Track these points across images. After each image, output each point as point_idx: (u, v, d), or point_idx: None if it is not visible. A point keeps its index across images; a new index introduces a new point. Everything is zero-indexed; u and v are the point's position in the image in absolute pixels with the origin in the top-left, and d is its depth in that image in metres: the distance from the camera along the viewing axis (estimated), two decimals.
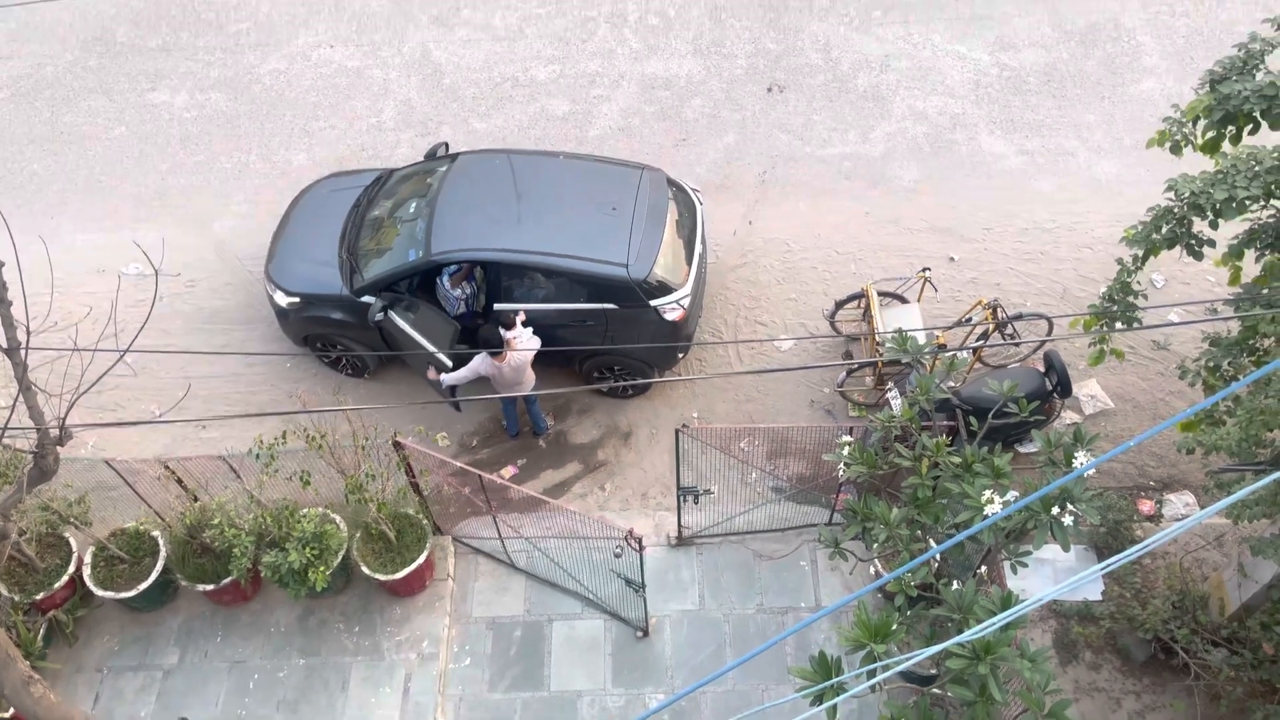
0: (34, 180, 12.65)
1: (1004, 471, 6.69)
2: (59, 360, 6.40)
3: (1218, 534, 9.61)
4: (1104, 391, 10.70)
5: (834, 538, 7.25)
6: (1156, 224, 7.93)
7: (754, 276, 11.66)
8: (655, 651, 9.30)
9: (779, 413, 10.74)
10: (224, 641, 9.41)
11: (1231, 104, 7.48)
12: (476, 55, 13.59)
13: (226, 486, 9.22)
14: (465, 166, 10.68)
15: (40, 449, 6.23)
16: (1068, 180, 12.23)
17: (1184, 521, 4.17)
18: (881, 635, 5.96)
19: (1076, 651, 9.14)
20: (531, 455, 10.64)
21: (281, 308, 10.59)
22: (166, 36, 13.92)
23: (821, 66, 13.30)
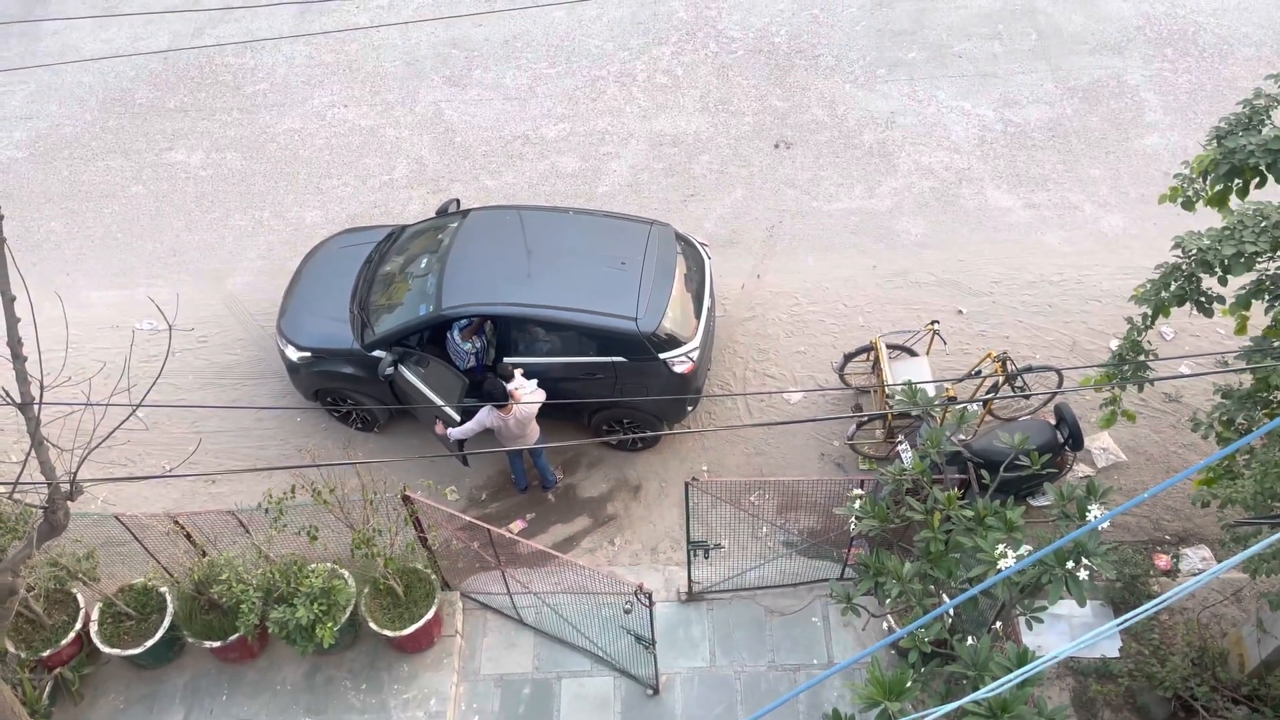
0: (51, 238, 12.83)
1: (1017, 525, 6.64)
2: (71, 415, 6.43)
3: (1235, 588, 9.47)
4: (1116, 444, 10.64)
5: (846, 593, 7.19)
6: (1165, 282, 7.93)
7: (762, 329, 11.70)
8: (666, 710, 9.17)
9: (789, 466, 10.70)
10: (229, 699, 9.31)
11: (1237, 158, 7.55)
12: (488, 114, 13.82)
13: (235, 541, 9.19)
14: (476, 222, 10.80)
15: (51, 504, 6.24)
16: (1075, 234, 12.30)
17: (1201, 576, 4.13)
18: (896, 693, 5.88)
19: (1095, 710, 8.97)
20: (540, 509, 10.60)
21: (292, 362, 10.65)
22: (185, 97, 14.20)
23: (827, 123, 13.48)
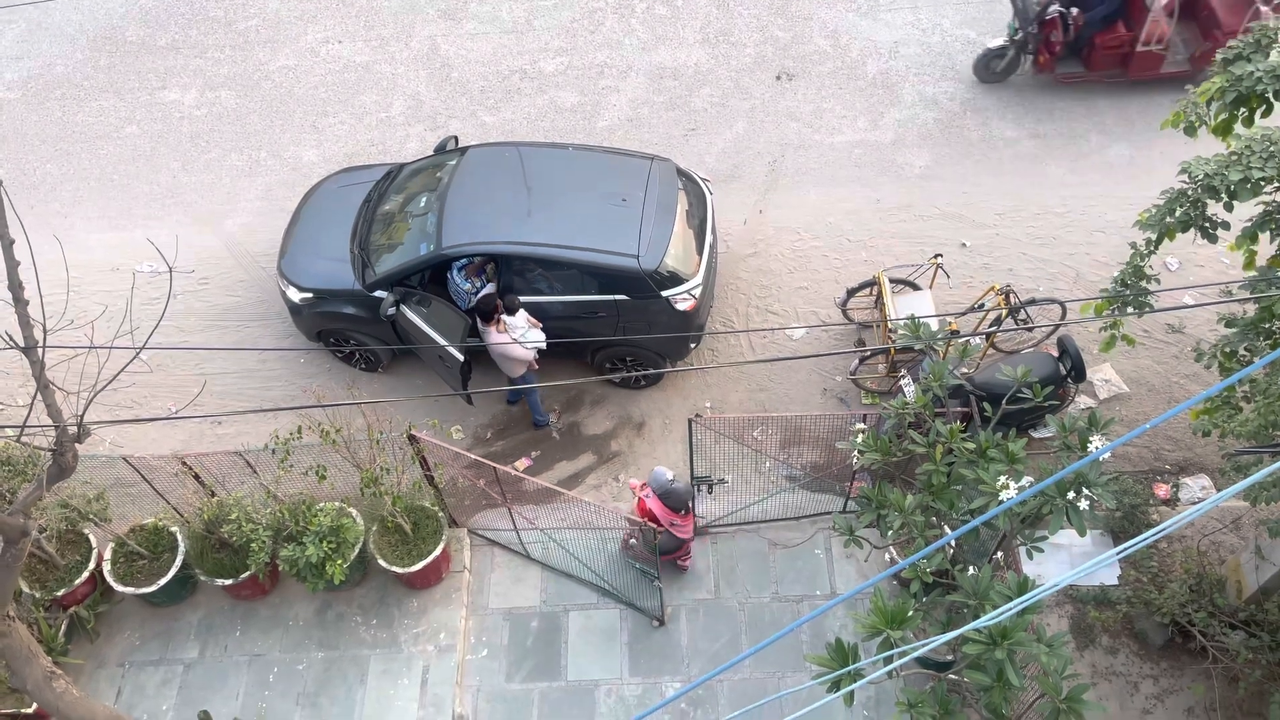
0: (47, 180, 12.73)
1: (1018, 457, 6.68)
2: (76, 359, 6.44)
3: (1235, 517, 9.57)
4: (1118, 375, 10.66)
5: (848, 525, 7.27)
6: (1170, 207, 7.88)
7: (765, 265, 11.64)
8: (671, 640, 9.33)
9: (792, 401, 10.74)
10: (243, 635, 9.49)
11: (1244, 85, 7.44)
12: (484, 48, 13.59)
13: (243, 482, 9.28)
14: (475, 160, 10.69)
15: (59, 446, 6.28)
16: (1080, 164, 12.17)
17: (1201, 505, 4.16)
18: (898, 622, 5.98)
19: (1093, 636, 9.13)
20: (545, 447, 10.67)
21: (294, 303, 10.64)
22: (176, 34, 13.97)
23: (830, 54, 13.25)
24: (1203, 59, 12.07)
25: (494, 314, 9.58)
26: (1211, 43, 11.92)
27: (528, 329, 9.71)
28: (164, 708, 9.12)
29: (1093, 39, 12.20)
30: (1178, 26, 12.29)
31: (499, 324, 9.59)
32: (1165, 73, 12.34)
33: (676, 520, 8.77)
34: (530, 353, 9.75)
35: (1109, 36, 12.13)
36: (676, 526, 8.79)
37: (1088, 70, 12.42)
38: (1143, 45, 12.01)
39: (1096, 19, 12.12)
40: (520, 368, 9.94)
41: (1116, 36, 12.12)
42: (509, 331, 9.59)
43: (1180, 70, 12.31)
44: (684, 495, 8.68)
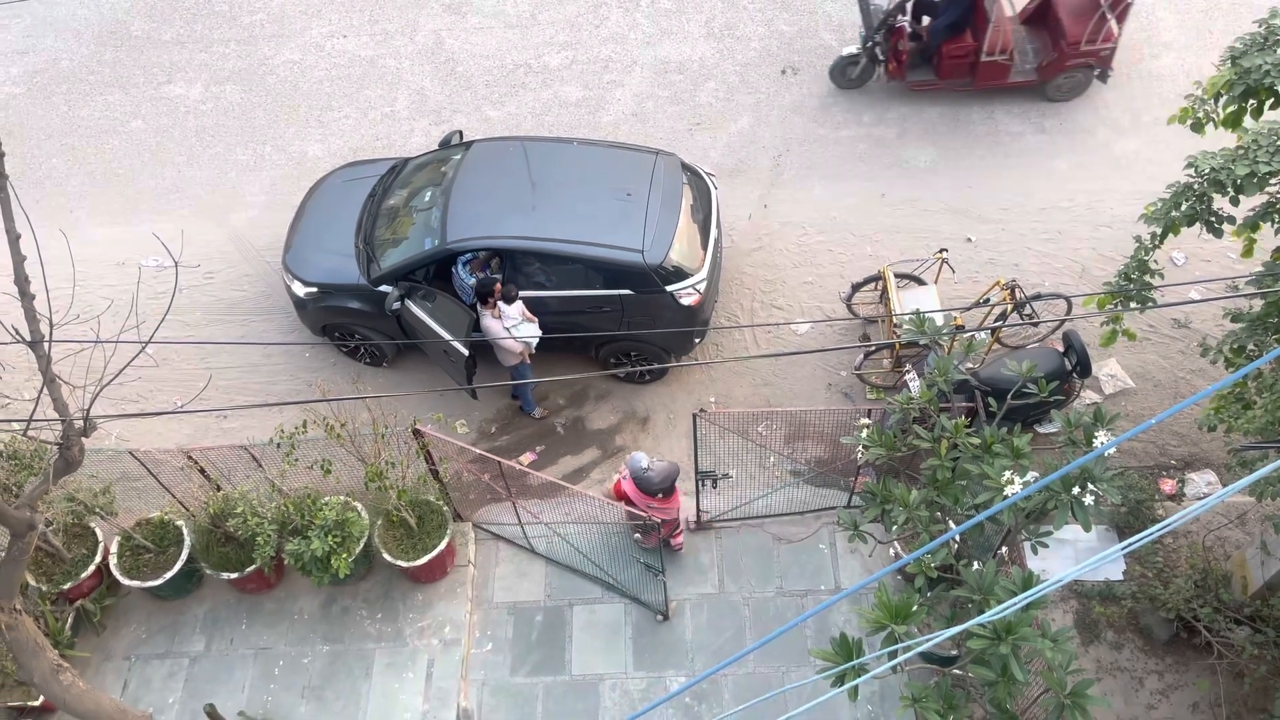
0: (53, 175, 12.74)
1: (1023, 452, 6.67)
2: (82, 353, 6.46)
3: (1240, 512, 9.55)
4: (1124, 371, 10.64)
5: (853, 520, 7.27)
6: (1176, 201, 7.87)
7: (770, 260, 11.63)
8: (676, 635, 9.35)
9: (796, 396, 10.73)
10: (249, 629, 9.52)
11: (1252, 78, 7.42)
12: (489, 43, 13.58)
13: (248, 476, 9.30)
14: (480, 154, 10.69)
15: (65, 440, 6.30)
16: (1086, 158, 12.13)
17: (1206, 500, 4.15)
18: (902, 616, 5.98)
19: (1098, 631, 9.12)
20: (550, 441, 10.68)
21: (299, 298, 10.65)
22: (181, 29, 13.98)
23: (835, 48, 13.21)
24: (1049, 69, 12.17)
25: (491, 297, 9.61)
26: (1057, 53, 12.03)
27: (522, 320, 9.73)
28: (170, 700, 9.16)
29: (940, 48, 12.21)
30: (1030, 36, 12.37)
31: (494, 309, 9.62)
32: (1012, 82, 12.37)
33: (653, 503, 8.88)
34: (521, 344, 9.78)
35: (955, 46, 12.13)
36: (653, 509, 8.86)
37: (938, 78, 12.42)
38: (987, 55, 12.03)
39: (941, 28, 12.13)
40: (513, 358, 9.99)
41: (962, 46, 12.12)
42: (502, 319, 9.61)
43: (1027, 80, 12.34)
44: (656, 482, 8.75)
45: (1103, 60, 12.03)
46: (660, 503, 8.92)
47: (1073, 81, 12.32)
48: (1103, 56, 11.98)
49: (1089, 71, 12.21)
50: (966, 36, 12.08)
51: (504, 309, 9.64)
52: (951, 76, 12.35)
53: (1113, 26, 11.75)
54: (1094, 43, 11.81)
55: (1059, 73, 12.13)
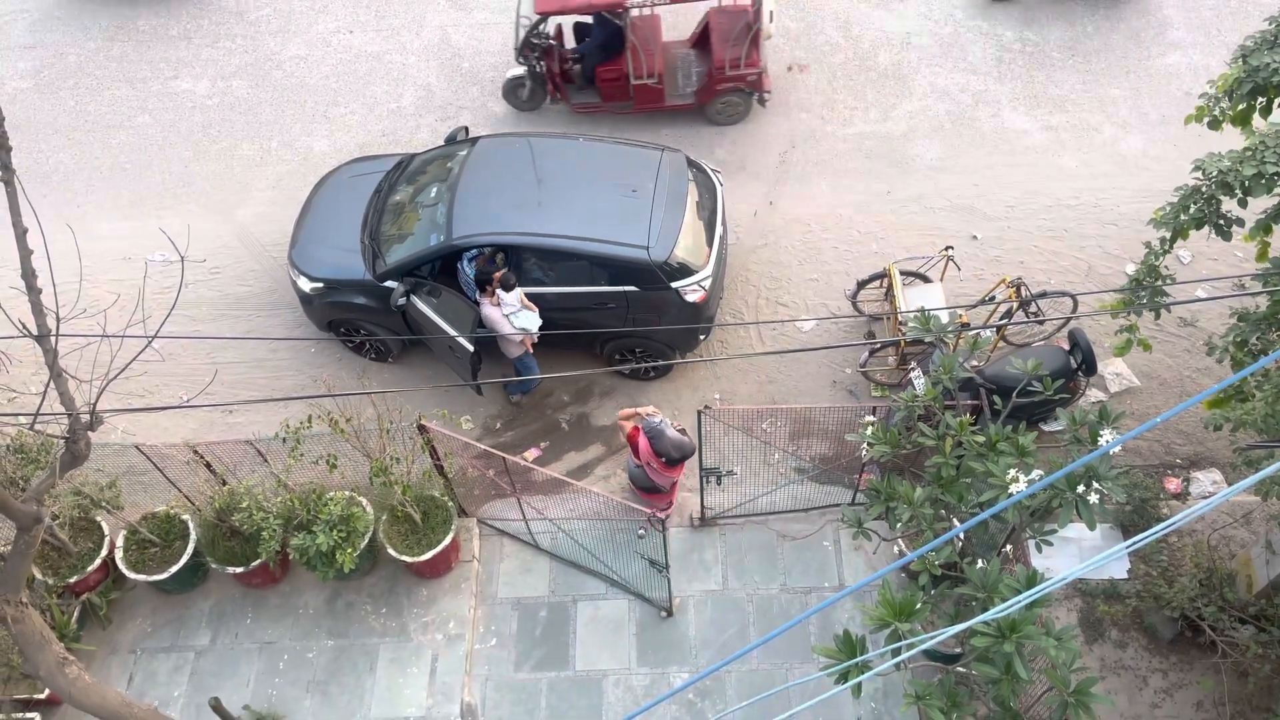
0: (60, 169, 12.78)
1: (1028, 450, 6.67)
2: (88, 347, 6.48)
3: (1245, 511, 9.53)
4: (1129, 369, 10.62)
5: (857, 517, 7.27)
6: (1184, 205, 7.84)
7: (775, 257, 11.63)
8: (679, 631, 9.35)
9: (801, 393, 10.73)
10: (254, 623, 9.54)
11: (1261, 76, 7.41)
12: (495, 38, 13.58)
13: (254, 470, 9.32)
14: (486, 150, 10.69)
15: (72, 434, 6.32)
16: (1092, 156, 12.11)
17: (1211, 499, 4.15)
18: (906, 614, 5.98)
19: (1102, 630, 9.11)
20: (554, 437, 10.69)
21: (305, 293, 10.66)
22: (188, 24, 14.00)
23: (842, 44, 13.20)
24: (704, 92, 12.22)
25: (490, 285, 9.68)
26: (709, 78, 12.08)
27: (520, 308, 9.75)
28: (175, 694, 9.19)
29: (594, 71, 12.23)
30: (696, 60, 12.38)
31: (493, 297, 9.67)
32: (670, 105, 12.40)
33: (655, 464, 8.91)
34: (520, 332, 9.81)
35: (607, 70, 12.17)
36: (653, 469, 8.96)
37: (602, 101, 12.45)
38: (635, 79, 12.07)
39: (591, 51, 12.17)
40: (516, 348, 10.01)
41: (614, 69, 12.15)
42: (500, 306, 9.66)
43: (686, 103, 12.37)
44: (668, 446, 8.76)
45: (753, 84, 12.09)
46: (663, 467, 8.98)
47: (732, 105, 12.38)
48: (751, 81, 12.05)
49: (747, 96, 12.27)
50: (621, 61, 12.09)
51: (502, 296, 9.68)
52: (614, 99, 12.41)
53: (758, 54, 11.88)
54: (738, 67, 11.92)
55: (714, 96, 12.22)
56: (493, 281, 9.72)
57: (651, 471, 8.98)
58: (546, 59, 12.22)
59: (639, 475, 9.23)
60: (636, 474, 9.27)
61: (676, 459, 8.81)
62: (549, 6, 11.51)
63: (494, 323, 9.76)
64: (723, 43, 11.99)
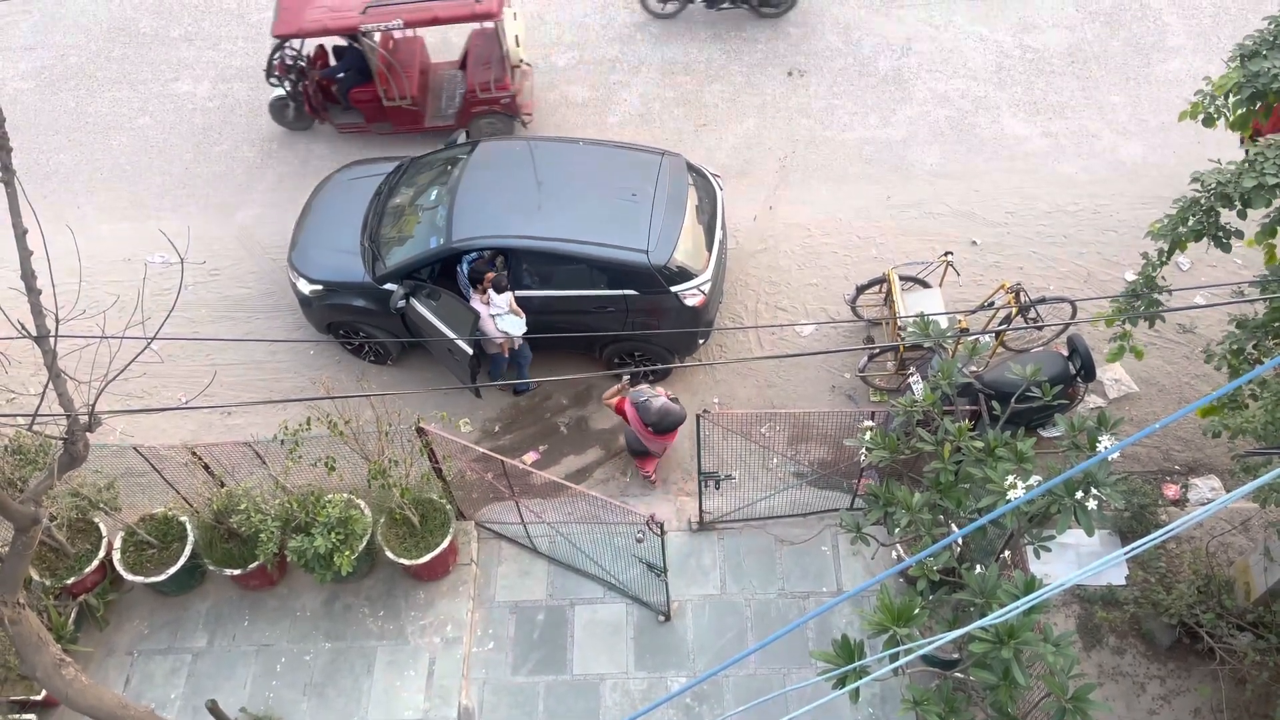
0: (60, 170, 12.78)
1: (1027, 456, 6.67)
2: (87, 348, 6.47)
3: (1244, 518, 9.53)
4: (1128, 375, 10.62)
5: (856, 522, 7.26)
6: (1182, 217, 7.82)
7: (774, 262, 11.63)
8: (677, 635, 9.35)
9: (800, 398, 10.73)
10: (251, 625, 9.53)
11: (1260, 81, 7.40)
12: None
13: (252, 472, 9.32)
14: (485, 154, 10.70)
15: (70, 435, 6.31)
16: (1092, 163, 12.12)
17: (1209, 506, 4.15)
18: (904, 619, 5.97)
19: (1100, 636, 9.11)
20: (553, 441, 10.68)
21: (304, 296, 10.67)
22: (189, 26, 14.01)
23: (842, 50, 13.22)
24: (462, 114, 12.35)
25: (482, 282, 9.80)
26: (465, 102, 12.24)
27: (508, 311, 9.79)
28: (172, 696, 9.18)
29: (349, 93, 12.28)
30: (460, 82, 12.45)
31: (484, 295, 9.81)
32: (430, 126, 12.50)
33: (643, 432, 9.44)
34: (501, 335, 9.92)
35: (361, 92, 12.23)
36: (646, 436, 9.50)
37: (366, 122, 12.51)
38: (388, 101, 12.15)
39: (337, 74, 12.23)
40: (492, 346, 10.16)
41: (367, 91, 12.21)
42: (489, 306, 9.79)
43: (446, 124, 12.47)
44: (652, 411, 9.23)
45: (507, 108, 12.21)
46: (650, 434, 9.36)
47: (493, 128, 12.46)
48: (505, 104, 12.17)
49: (508, 119, 12.37)
50: (374, 83, 12.13)
51: (493, 298, 9.78)
52: (376, 120, 12.47)
53: (508, 78, 12.02)
54: (489, 90, 12.05)
55: (472, 119, 12.33)
56: (486, 279, 9.77)
57: (646, 438, 9.38)
58: (303, 80, 12.26)
59: (633, 439, 9.69)
60: (631, 438, 9.73)
61: (663, 427, 9.23)
62: (286, 30, 11.59)
63: (480, 320, 9.85)
64: (476, 66, 12.17)
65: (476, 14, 11.38)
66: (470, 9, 11.35)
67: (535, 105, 12.68)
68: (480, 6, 11.33)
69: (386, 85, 12.01)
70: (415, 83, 12.26)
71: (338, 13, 11.48)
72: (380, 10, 11.41)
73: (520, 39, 12.21)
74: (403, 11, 11.39)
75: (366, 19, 11.42)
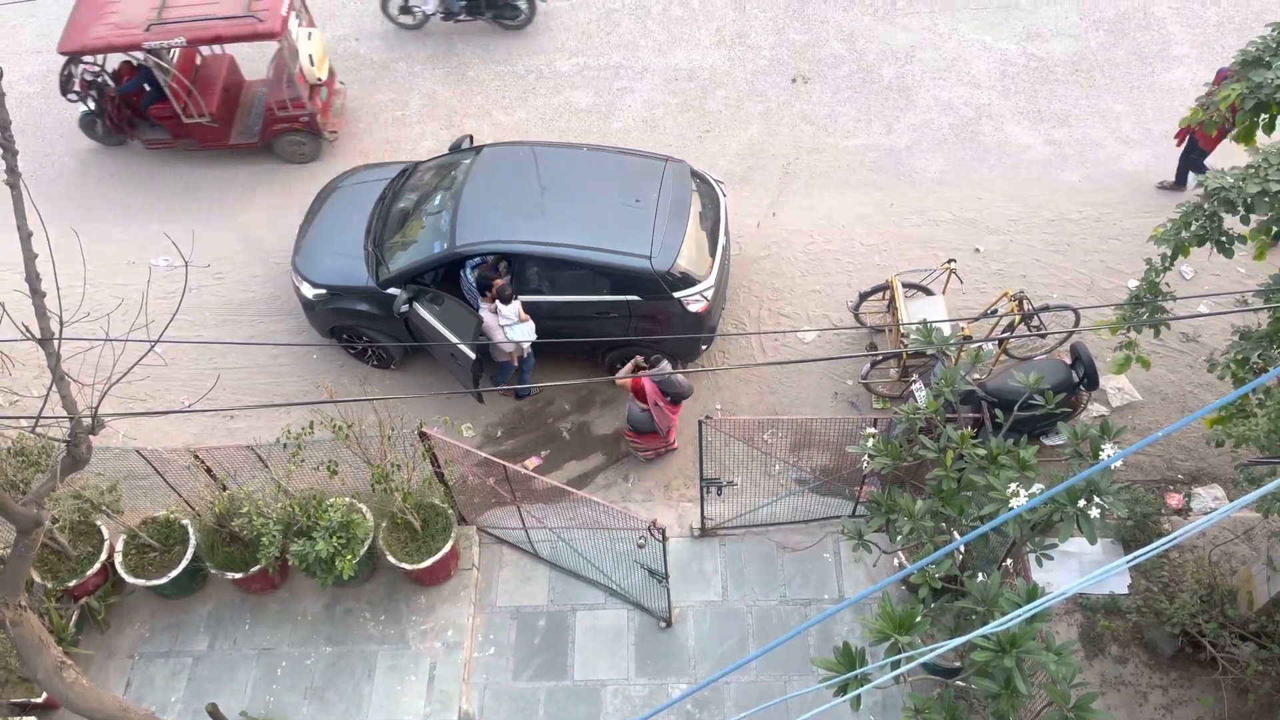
0: (66, 173, 12.81)
1: (1029, 464, 6.67)
2: (91, 351, 6.49)
3: (1247, 528, 9.51)
4: (1131, 384, 10.61)
5: (858, 530, 7.26)
6: (1186, 221, 7.82)
7: (777, 268, 11.63)
8: (678, 642, 9.33)
9: (802, 405, 10.72)
10: (252, 629, 9.53)
11: (1264, 92, 7.41)
12: (500, 48, 13.62)
13: (254, 476, 9.32)
14: (489, 159, 10.72)
15: (73, 438, 6.32)
16: (1095, 171, 12.12)
17: (1212, 515, 4.15)
18: (906, 627, 5.97)
19: (1103, 645, 9.09)
20: (555, 446, 10.68)
21: (308, 299, 10.68)
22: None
23: (846, 57, 13.24)
24: (264, 132, 12.45)
25: (490, 290, 9.79)
26: (266, 119, 12.34)
27: (516, 321, 9.79)
28: (173, 699, 9.17)
29: (149, 110, 12.31)
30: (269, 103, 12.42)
31: (492, 302, 9.81)
32: (235, 143, 12.58)
33: (661, 403, 9.65)
34: (511, 344, 9.95)
35: (160, 108, 12.25)
36: (658, 409, 9.68)
37: (173, 139, 12.55)
38: (186, 118, 12.17)
39: (132, 90, 12.22)
40: (502, 354, 10.16)
41: (164, 108, 12.22)
42: (498, 316, 9.78)
43: (250, 141, 12.55)
44: (682, 386, 9.77)
45: (308, 126, 12.32)
46: (669, 406, 9.74)
47: (299, 145, 12.55)
48: (304, 122, 12.27)
49: (313, 136, 12.48)
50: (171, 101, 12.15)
51: (500, 309, 9.73)
52: (181, 136, 12.52)
53: (304, 98, 12.09)
54: (285, 109, 12.13)
55: (274, 136, 12.44)
56: (494, 287, 9.77)
57: (657, 412, 9.68)
58: (102, 97, 12.27)
59: (642, 419, 9.83)
60: (640, 417, 9.85)
61: (681, 396, 9.76)
62: (71, 46, 11.63)
63: (490, 330, 9.85)
64: (275, 84, 12.23)
65: (259, 33, 11.46)
66: (253, 28, 11.42)
67: (344, 123, 12.86)
68: (262, 26, 11.40)
69: (183, 102, 12.04)
70: (217, 100, 12.33)
71: (122, 30, 11.50)
72: (163, 28, 11.43)
73: (316, 58, 12.26)
74: (186, 30, 11.43)
75: (149, 36, 11.42)
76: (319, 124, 12.38)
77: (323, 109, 12.46)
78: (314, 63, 12.23)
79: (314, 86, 12.33)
